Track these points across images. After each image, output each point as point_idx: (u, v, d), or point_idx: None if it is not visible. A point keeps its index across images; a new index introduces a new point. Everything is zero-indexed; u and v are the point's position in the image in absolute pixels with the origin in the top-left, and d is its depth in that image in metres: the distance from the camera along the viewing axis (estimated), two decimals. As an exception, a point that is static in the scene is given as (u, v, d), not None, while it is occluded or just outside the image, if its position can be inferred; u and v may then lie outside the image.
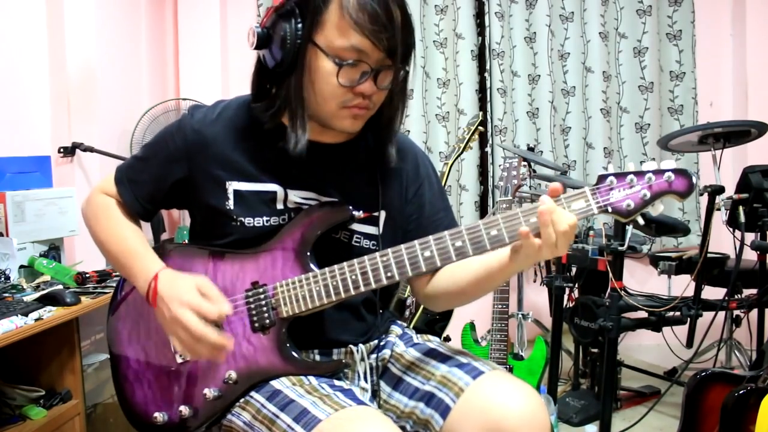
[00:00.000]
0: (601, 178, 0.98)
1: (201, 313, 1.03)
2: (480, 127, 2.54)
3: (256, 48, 1.08)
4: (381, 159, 1.17)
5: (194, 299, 1.04)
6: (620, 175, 0.98)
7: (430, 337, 1.26)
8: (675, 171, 0.96)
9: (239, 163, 1.13)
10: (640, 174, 0.97)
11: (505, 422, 0.98)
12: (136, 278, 1.13)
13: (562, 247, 0.98)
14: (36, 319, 1.51)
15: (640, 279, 3.12)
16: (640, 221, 0.98)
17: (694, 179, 0.96)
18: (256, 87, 1.14)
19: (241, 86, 1.17)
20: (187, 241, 1.27)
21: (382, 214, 1.19)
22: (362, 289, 1.06)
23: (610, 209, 0.97)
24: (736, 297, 2.32)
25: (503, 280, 1.12)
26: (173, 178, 1.16)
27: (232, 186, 1.13)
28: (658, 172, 0.97)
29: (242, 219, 1.13)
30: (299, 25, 1.02)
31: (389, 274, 1.05)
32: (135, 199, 1.19)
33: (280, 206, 1.14)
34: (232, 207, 1.13)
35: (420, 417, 1.07)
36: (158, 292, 1.07)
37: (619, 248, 2.15)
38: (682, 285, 2.29)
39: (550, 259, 1.00)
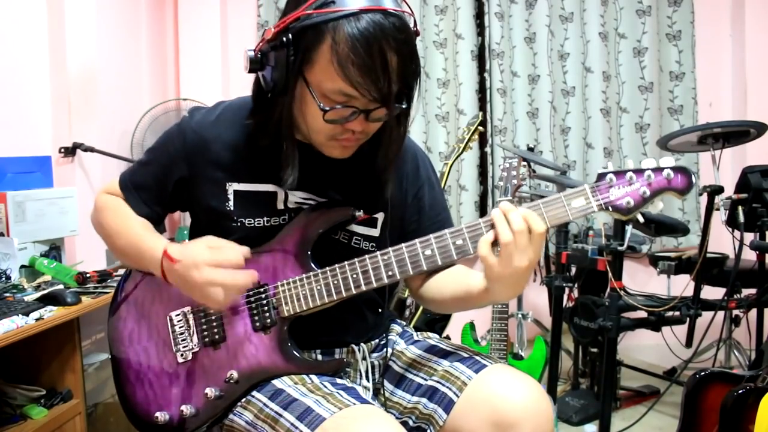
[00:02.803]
0: (601, 176, 0.99)
1: (221, 264, 1.02)
2: (480, 127, 2.55)
3: (250, 72, 1.06)
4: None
5: (211, 256, 1.02)
6: (619, 173, 0.98)
7: (430, 333, 1.26)
8: (674, 168, 0.97)
9: (239, 165, 1.13)
10: (639, 171, 0.98)
11: (509, 414, 0.99)
12: (145, 259, 1.11)
13: (525, 248, 0.95)
14: (37, 319, 1.52)
15: (640, 279, 3.12)
16: (640, 219, 0.99)
17: (693, 177, 0.96)
18: (255, 101, 1.12)
19: (242, 86, 1.17)
20: (187, 241, 1.26)
21: (381, 216, 1.19)
22: (363, 287, 1.06)
23: (609, 207, 0.98)
24: (735, 297, 2.32)
25: (481, 305, 1.13)
26: (174, 177, 1.16)
27: (232, 187, 1.13)
28: (658, 170, 0.97)
29: (242, 220, 1.13)
30: (291, 58, 0.97)
31: (390, 273, 1.05)
32: (142, 203, 1.19)
33: (280, 206, 1.14)
34: (232, 208, 1.13)
35: (423, 412, 1.08)
36: (173, 260, 1.04)
37: (619, 248, 2.16)
38: (682, 285, 2.29)
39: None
